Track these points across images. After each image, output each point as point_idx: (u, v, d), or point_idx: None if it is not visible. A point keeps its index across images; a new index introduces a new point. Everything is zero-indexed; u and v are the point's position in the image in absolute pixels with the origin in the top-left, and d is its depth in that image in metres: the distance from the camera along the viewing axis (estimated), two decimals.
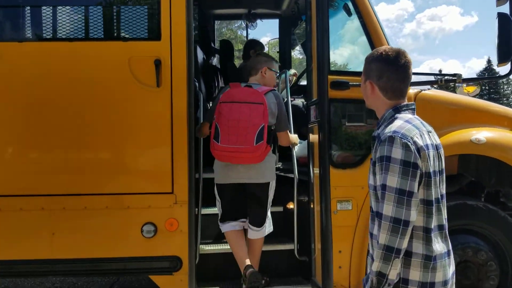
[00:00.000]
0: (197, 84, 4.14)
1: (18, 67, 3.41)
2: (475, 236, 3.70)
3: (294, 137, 3.89)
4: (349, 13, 4.26)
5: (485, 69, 48.86)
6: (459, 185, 4.16)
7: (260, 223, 3.68)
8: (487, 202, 3.86)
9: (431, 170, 1.85)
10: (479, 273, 3.62)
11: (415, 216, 1.80)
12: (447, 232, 1.95)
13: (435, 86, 4.06)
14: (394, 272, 1.81)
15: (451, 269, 1.93)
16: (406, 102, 1.99)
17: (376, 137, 1.96)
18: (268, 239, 4.01)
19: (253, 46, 5.35)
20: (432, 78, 3.90)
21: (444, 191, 1.98)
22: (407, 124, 1.86)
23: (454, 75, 3.60)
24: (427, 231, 1.85)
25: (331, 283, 3.33)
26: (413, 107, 1.99)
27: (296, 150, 4.11)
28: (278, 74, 4.67)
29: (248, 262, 3.50)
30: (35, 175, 3.41)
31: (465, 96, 4.28)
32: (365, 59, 2.07)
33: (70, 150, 3.47)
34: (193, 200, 3.40)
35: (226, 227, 3.72)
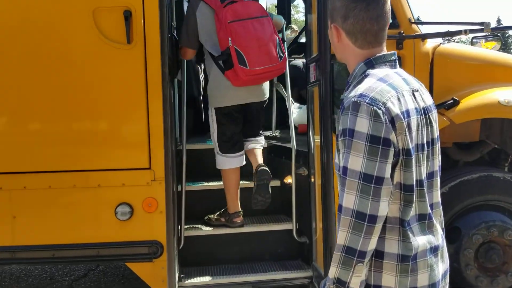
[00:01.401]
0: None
1: None
2: (501, 212, 3.22)
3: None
4: None
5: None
6: (480, 153, 3.68)
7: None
8: None
9: (413, 144, 1.35)
10: (505, 255, 3.17)
11: (385, 209, 1.31)
12: (434, 221, 1.45)
13: (456, 39, 3.49)
14: (356, 280, 1.33)
15: (442, 267, 1.44)
16: (384, 52, 1.48)
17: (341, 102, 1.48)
18: (263, 218, 3.57)
19: None
20: (452, 28, 3.31)
21: (437, 167, 1.48)
22: (380, 84, 1.37)
23: (482, 23, 3.03)
24: (403, 223, 1.37)
25: None
26: (393, 58, 1.49)
27: (294, 116, 3.61)
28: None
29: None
30: None
31: (490, 50, 3.71)
32: None
33: (28, 120, 2.98)
34: (171, 176, 2.92)
35: (234, 162, 3.36)
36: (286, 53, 3.44)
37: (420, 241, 1.39)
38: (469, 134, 3.49)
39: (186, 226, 3.33)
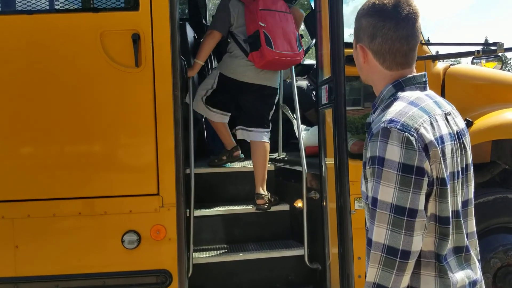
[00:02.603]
0: (186, 64, 3.56)
1: None
2: None
3: None
4: None
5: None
6: (490, 174, 3.63)
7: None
8: None
9: (447, 173, 1.28)
10: None
11: (419, 244, 1.23)
12: (472, 254, 1.36)
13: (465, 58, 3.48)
14: None
15: None
16: (414, 74, 1.39)
17: (368, 126, 1.39)
18: (273, 243, 3.47)
19: None
20: (461, 48, 3.30)
21: (471, 195, 1.40)
22: (411, 108, 1.28)
23: (494, 44, 3.01)
24: (439, 258, 1.28)
25: None
26: (423, 79, 1.40)
27: (303, 137, 3.54)
28: None
29: None
30: None
31: (501, 71, 3.70)
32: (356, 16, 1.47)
33: (33, 146, 2.88)
34: (182, 202, 2.82)
35: (216, 117, 3.77)
36: (304, 48, 3.80)
37: (458, 276, 1.30)
38: (480, 155, 3.45)
39: (194, 254, 3.22)
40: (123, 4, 2.97)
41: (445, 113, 1.35)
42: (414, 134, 1.22)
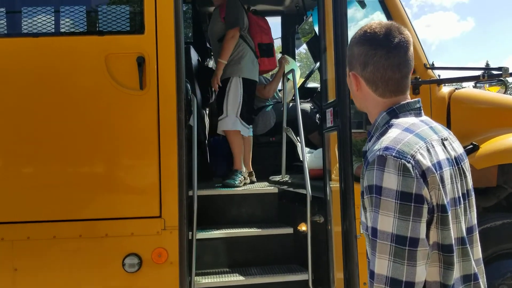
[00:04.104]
0: (189, 87, 3.56)
1: None
2: None
3: None
4: (363, 5, 3.75)
5: (483, 74, 47.95)
6: (497, 198, 3.58)
7: None
8: None
9: (448, 199, 1.25)
10: None
11: (423, 274, 1.19)
12: (480, 282, 1.31)
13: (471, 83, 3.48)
14: None
15: None
16: (407, 100, 1.38)
17: (365, 155, 1.38)
18: (275, 268, 3.41)
19: None
20: (464, 72, 3.30)
21: (475, 221, 1.36)
22: (406, 134, 1.27)
23: (499, 68, 3.01)
24: None
25: None
26: (418, 105, 1.38)
27: (307, 160, 3.51)
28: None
29: None
30: None
31: (507, 95, 3.69)
32: (348, 44, 1.49)
33: (34, 166, 2.86)
34: (185, 225, 2.79)
35: (246, 131, 3.99)
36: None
37: None
38: (486, 179, 3.40)
39: (196, 278, 3.16)
40: (128, 28, 2.99)
41: (441, 139, 1.33)
42: (411, 161, 1.20)
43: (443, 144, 1.32)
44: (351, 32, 2.95)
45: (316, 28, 4.71)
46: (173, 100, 2.83)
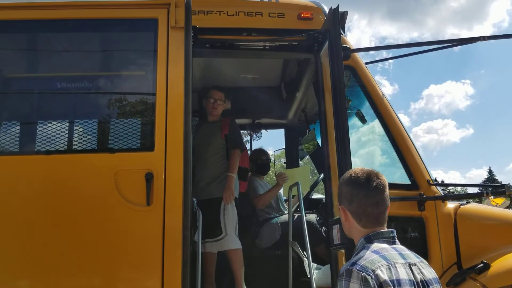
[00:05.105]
0: (195, 200, 3.58)
1: None
2: None
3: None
4: (363, 121, 3.91)
5: (488, 179, 48.61)
6: None
7: None
8: None
9: None
10: None
11: None
12: None
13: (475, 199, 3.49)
14: None
15: None
16: (383, 230, 1.72)
17: None
18: None
19: (259, 156, 4.94)
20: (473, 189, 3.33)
21: None
22: (373, 255, 1.61)
23: (503, 186, 3.05)
24: None
25: None
26: (391, 235, 1.72)
27: (315, 277, 3.40)
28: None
29: None
30: None
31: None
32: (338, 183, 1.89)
33: (44, 276, 2.79)
34: None
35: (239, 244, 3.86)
36: None
37: None
38: None
39: None
40: (138, 145, 3.09)
41: (409, 264, 1.60)
42: (371, 274, 1.51)
43: (410, 268, 1.59)
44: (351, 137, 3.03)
45: (319, 140, 4.85)
46: (179, 216, 2.82)
